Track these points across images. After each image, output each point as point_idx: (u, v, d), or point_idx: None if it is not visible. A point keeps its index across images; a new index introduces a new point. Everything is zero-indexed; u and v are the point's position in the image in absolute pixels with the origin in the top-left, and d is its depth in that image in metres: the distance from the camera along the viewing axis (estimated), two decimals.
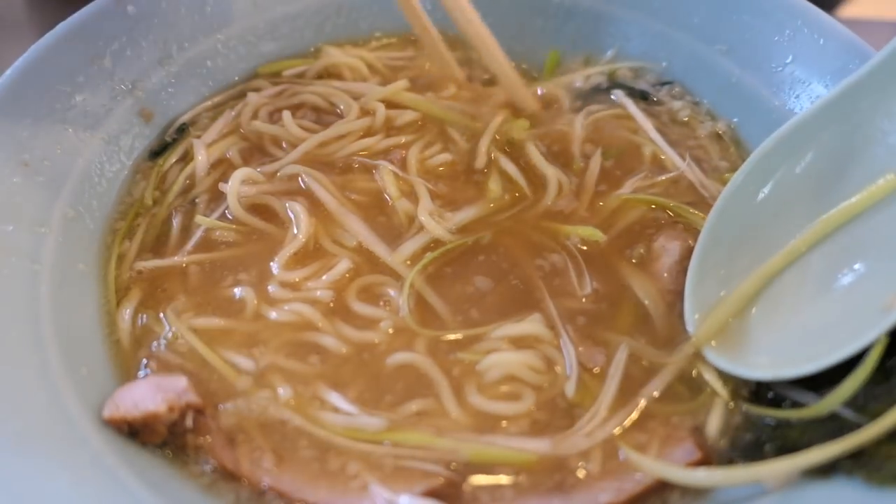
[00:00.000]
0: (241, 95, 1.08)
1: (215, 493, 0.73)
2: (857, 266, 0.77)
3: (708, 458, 0.75)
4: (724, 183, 0.91)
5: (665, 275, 0.88)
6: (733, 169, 0.96)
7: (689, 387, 0.81)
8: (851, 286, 0.77)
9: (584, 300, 0.86)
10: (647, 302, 0.86)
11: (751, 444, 0.75)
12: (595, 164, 1.00)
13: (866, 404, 0.70)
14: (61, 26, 0.94)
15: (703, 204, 0.94)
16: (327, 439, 0.75)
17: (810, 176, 0.83)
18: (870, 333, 0.69)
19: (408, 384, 0.80)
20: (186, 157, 1.00)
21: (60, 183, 0.89)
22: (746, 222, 0.84)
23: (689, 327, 0.82)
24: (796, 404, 0.76)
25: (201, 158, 0.98)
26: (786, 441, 0.72)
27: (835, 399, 0.71)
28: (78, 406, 0.74)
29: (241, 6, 1.11)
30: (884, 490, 0.64)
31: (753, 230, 0.84)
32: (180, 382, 0.77)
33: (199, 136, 1.01)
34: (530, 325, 0.83)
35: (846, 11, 1.52)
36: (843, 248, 0.79)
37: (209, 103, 1.08)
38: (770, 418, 0.75)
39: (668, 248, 0.89)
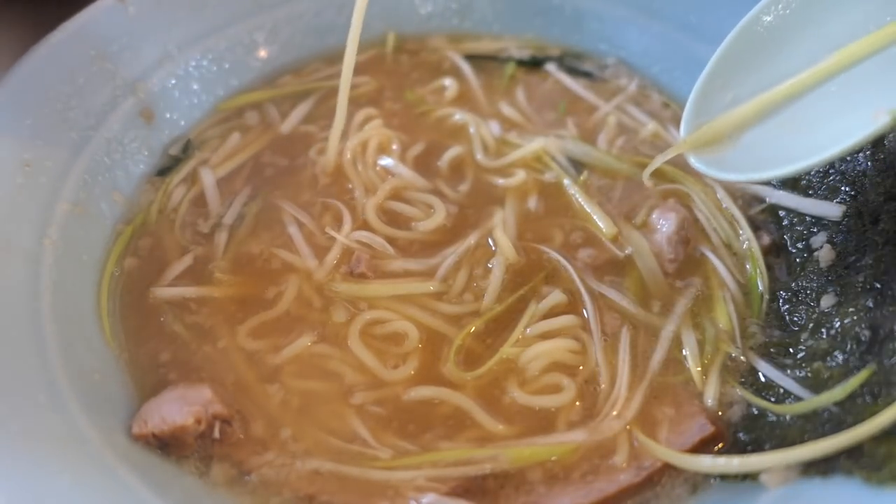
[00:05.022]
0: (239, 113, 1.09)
1: (216, 492, 0.74)
2: (850, 94, 0.78)
3: (720, 432, 0.77)
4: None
5: (665, 245, 0.91)
6: None
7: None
8: (840, 109, 0.77)
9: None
10: (646, 271, 0.89)
11: (751, 444, 0.76)
12: None
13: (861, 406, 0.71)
14: (62, 26, 0.94)
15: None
16: (364, 475, 0.75)
17: (824, 15, 0.83)
18: (850, 139, 0.70)
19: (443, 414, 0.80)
20: (191, 179, 1.00)
21: (62, 183, 0.89)
22: (758, 52, 0.86)
23: (683, 133, 0.85)
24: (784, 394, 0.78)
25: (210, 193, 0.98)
26: (784, 441, 0.73)
27: (829, 397, 0.73)
28: (78, 406, 0.74)
29: (242, 7, 1.12)
30: (883, 489, 0.64)
31: (763, 60, 0.85)
32: (205, 393, 0.76)
33: (205, 161, 1.02)
34: (562, 319, 0.86)
35: None
36: (842, 83, 0.79)
37: (211, 119, 1.08)
38: (772, 413, 0.76)
39: (664, 220, 0.92)
